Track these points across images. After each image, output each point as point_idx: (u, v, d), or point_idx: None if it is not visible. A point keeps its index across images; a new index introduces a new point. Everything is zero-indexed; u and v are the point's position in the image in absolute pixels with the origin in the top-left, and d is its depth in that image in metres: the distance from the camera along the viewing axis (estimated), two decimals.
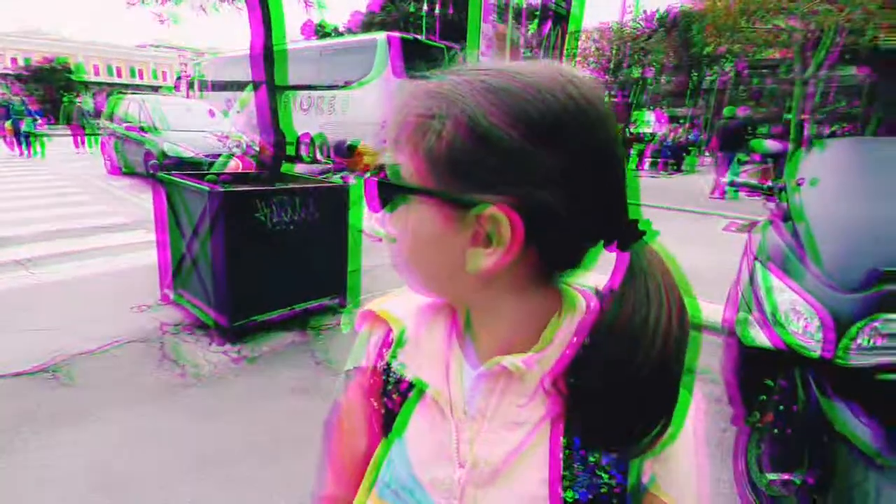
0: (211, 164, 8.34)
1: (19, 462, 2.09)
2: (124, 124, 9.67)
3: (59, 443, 2.21)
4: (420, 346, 0.56)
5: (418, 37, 12.25)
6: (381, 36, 10.88)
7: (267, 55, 3.32)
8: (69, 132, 15.10)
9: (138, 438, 2.27)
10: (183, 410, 2.48)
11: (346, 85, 11.84)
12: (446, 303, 0.56)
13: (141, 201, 7.65)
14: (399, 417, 0.56)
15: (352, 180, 3.56)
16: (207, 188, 2.95)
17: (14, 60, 50.60)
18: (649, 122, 21.71)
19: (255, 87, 3.36)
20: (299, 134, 13.49)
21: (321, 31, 47.23)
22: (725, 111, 10.75)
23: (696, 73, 18.16)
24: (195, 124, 9.19)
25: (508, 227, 0.41)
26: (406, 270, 0.49)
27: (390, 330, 0.59)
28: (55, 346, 3.02)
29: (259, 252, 3.12)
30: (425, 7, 23.49)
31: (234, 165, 4.90)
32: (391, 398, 0.56)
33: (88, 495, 1.93)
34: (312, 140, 13.05)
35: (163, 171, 3.66)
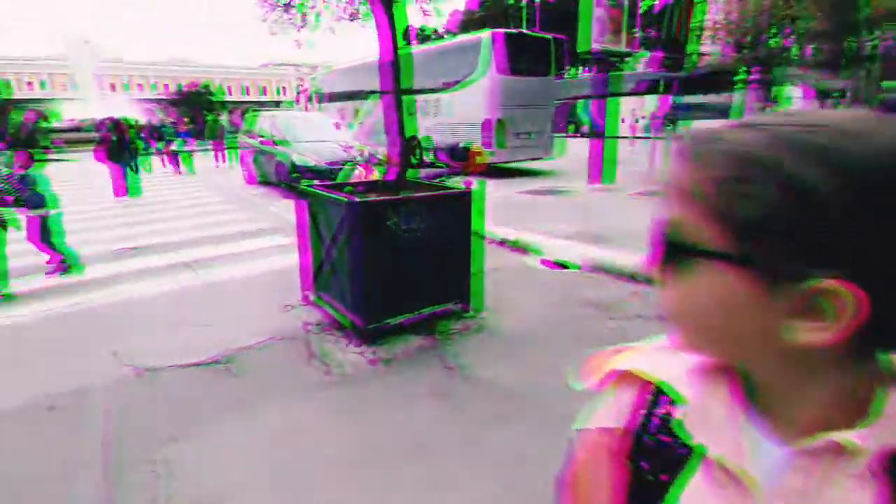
0: (331, 172, 9.05)
1: (199, 446, 2.41)
2: (259, 139, 10.85)
3: (232, 430, 2.52)
4: (707, 411, 0.51)
5: (523, 31, 12.09)
6: (485, 35, 10.92)
7: (394, 65, 3.48)
8: (212, 148, 17.05)
9: (298, 431, 2.51)
10: (333, 407, 2.69)
11: (451, 86, 12.08)
12: (723, 364, 0.51)
13: (276, 209, 8.54)
14: (673, 489, 0.51)
15: (473, 184, 3.59)
16: (345, 199, 3.17)
17: (167, 87, 59.85)
18: (791, 99, 19.09)
19: (380, 95, 3.53)
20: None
21: (421, 35, 48.85)
22: (884, 85, 9.07)
23: (852, 39, 15.48)
24: (320, 136, 10.02)
25: (852, 304, 0.36)
26: (680, 327, 0.46)
27: (644, 390, 0.55)
28: (222, 339, 3.47)
29: (390, 258, 3.29)
30: None
31: (359, 174, 5.25)
32: (651, 464, 0.53)
33: (259, 481, 2.17)
34: (419, 143, 13.53)
35: (303, 184, 4.00)
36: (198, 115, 40.15)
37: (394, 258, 3.30)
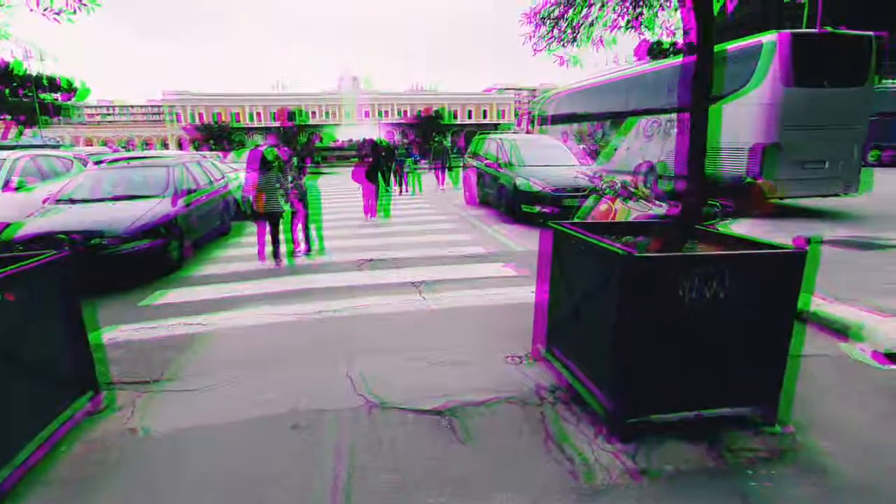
0: (558, 199, 8.47)
1: None
2: (485, 161, 11.06)
3: None
4: None
5: (827, 30, 9.45)
6: (768, 38, 8.88)
7: (705, 74, 2.63)
8: (435, 168, 17.62)
9: None
10: None
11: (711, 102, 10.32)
12: None
13: (494, 232, 8.40)
14: None
15: (803, 244, 2.45)
16: (619, 249, 2.45)
17: (405, 112, 69.59)
18: None
19: (693, 112, 2.72)
20: (636, 164, 12.70)
21: (657, 50, 45.26)
22: None
23: None
24: (551, 160, 9.63)
25: None
26: None
27: None
28: (444, 383, 3.14)
29: (667, 333, 2.43)
30: None
31: (606, 210, 4.51)
32: None
33: None
34: (652, 169, 12.03)
35: (551, 220, 3.44)
36: (430, 137, 45.29)
37: (675, 334, 2.44)
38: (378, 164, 10.46)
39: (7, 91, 51.90)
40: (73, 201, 6.42)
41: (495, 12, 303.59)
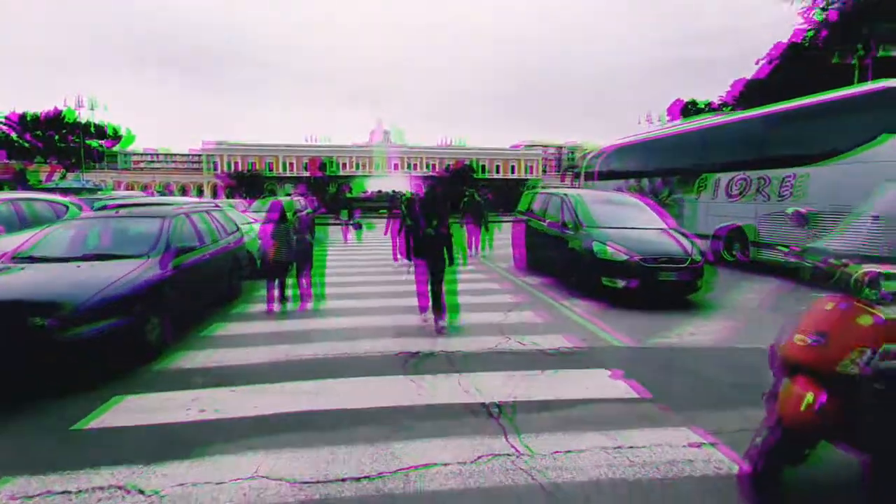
0: (645, 271, 6.59)
1: None
2: (543, 220, 9.36)
3: None
4: None
5: None
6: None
7: None
8: (467, 225, 14.92)
9: None
10: None
11: (816, 159, 8.54)
12: None
13: (569, 311, 6.52)
14: None
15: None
16: None
17: (434, 166, 70.45)
18: None
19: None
20: (717, 227, 10.81)
21: (692, 109, 44.26)
22: None
23: None
24: (629, 221, 7.87)
25: None
26: None
27: None
28: None
29: None
30: None
31: (833, 310, 2.64)
32: None
33: None
34: (741, 232, 10.11)
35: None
36: (458, 190, 44.56)
37: None
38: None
39: (57, 137, 54.26)
40: (32, 259, 4.90)
41: (518, 71, 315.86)
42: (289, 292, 6.91)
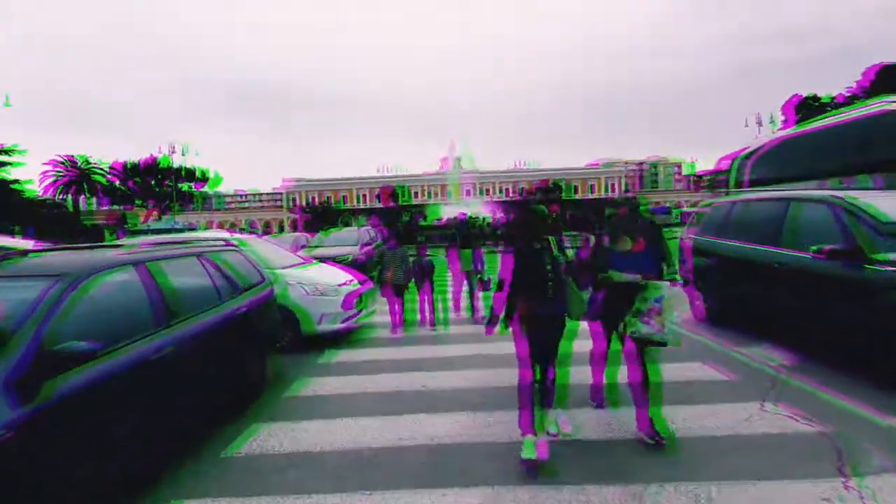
0: None
1: None
2: (779, 247, 5.36)
3: None
4: None
5: None
6: None
7: None
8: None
9: None
10: None
11: None
12: None
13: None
14: None
15: None
16: None
17: (507, 191, 67.45)
18: None
19: None
20: None
21: (812, 105, 37.43)
22: None
23: None
24: None
25: None
26: None
27: None
28: None
29: None
30: None
31: None
32: None
33: None
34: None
35: None
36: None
37: None
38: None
39: (154, 182, 58.14)
40: None
41: (585, 87, 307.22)
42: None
